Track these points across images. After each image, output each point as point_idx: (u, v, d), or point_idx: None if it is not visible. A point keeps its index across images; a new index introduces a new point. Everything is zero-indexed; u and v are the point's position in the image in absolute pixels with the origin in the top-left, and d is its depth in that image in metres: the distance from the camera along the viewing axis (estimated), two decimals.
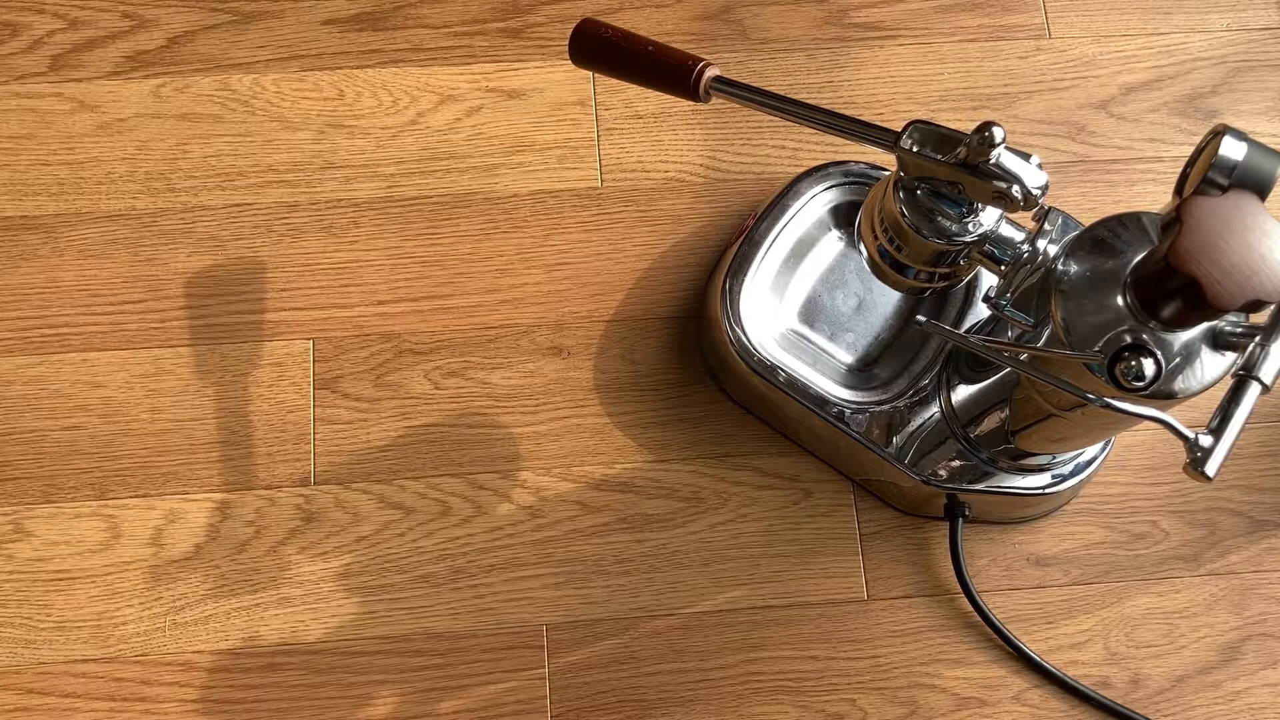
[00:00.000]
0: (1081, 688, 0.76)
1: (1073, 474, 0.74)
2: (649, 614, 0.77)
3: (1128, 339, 0.52)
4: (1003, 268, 0.60)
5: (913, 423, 0.75)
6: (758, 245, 0.78)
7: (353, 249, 0.83)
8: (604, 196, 0.86)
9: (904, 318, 0.78)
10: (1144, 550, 0.79)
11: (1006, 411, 0.69)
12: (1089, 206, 0.86)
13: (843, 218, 0.79)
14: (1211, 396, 0.53)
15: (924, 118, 0.58)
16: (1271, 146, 0.52)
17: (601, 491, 0.79)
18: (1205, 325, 0.53)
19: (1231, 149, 0.51)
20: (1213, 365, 0.53)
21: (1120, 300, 0.54)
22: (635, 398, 0.81)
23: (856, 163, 0.79)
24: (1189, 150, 0.55)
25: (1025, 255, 0.59)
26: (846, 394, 0.76)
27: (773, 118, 0.64)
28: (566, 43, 0.67)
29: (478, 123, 0.87)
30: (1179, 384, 0.53)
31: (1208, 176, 0.51)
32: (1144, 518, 0.80)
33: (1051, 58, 0.90)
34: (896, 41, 0.90)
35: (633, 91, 0.86)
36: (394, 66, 0.88)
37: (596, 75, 0.87)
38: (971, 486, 0.74)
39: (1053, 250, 0.58)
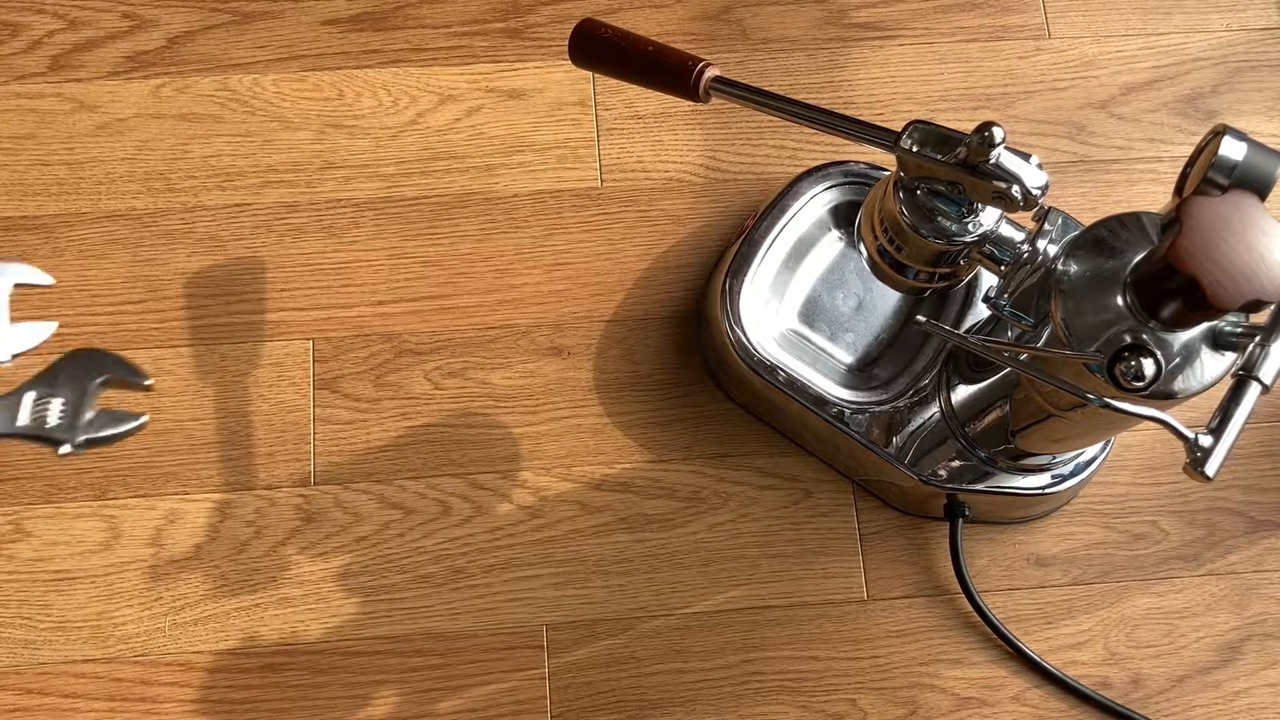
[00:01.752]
0: (1081, 688, 0.76)
1: (1073, 474, 0.74)
2: (649, 614, 0.77)
3: (1128, 339, 0.52)
4: (1003, 268, 0.60)
5: (913, 423, 0.75)
6: (758, 245, 0.78)
7: (353, 249, 0.83)
8: (604, 196, 0.86)
9: (904, 318, 0.78)
10: (1144, 550, 0.79)
11: (1006, 411, 0.69)
12: (1089, 206, 0.86)
13: (843, 218, 0.79)
14: (1211, 396, 0.53)
15: (924, 118, 0.58)
16: (1271, 146, 0.52)
17: (601, 491, 0.79)
18: (1205, 325, 0.53)
19: (1231, 149, 0.51)
20: (1213, 365, 0.53)
21: (1120, 300, 0.54)
22: (635, 398, 0.81)
23: (856, 163, 0.80)
24: (1189, 150, 0.54)
25: (1025, 255, 0.59)
26: (846, 394, 0.76)
27: (773, 118, 0.64)
28: (566, 43, 0.67)
29: (478, 123, 0.87)
30: (1179, 384, 0.53)
31: (1208, 176, 0.51)
32: (1144, 518, 0.80)
33: (1051, 58, 0.90)
34: (896, 41, 0.90)
35: (633, 91, 0.86)
36: (394, 66, 0.88)
37: (596, 75, 0.87)
38: (971, 486, 0.74)
39: (1053, 250, 0.58)
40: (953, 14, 0.91)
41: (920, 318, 0.60)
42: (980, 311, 0.76)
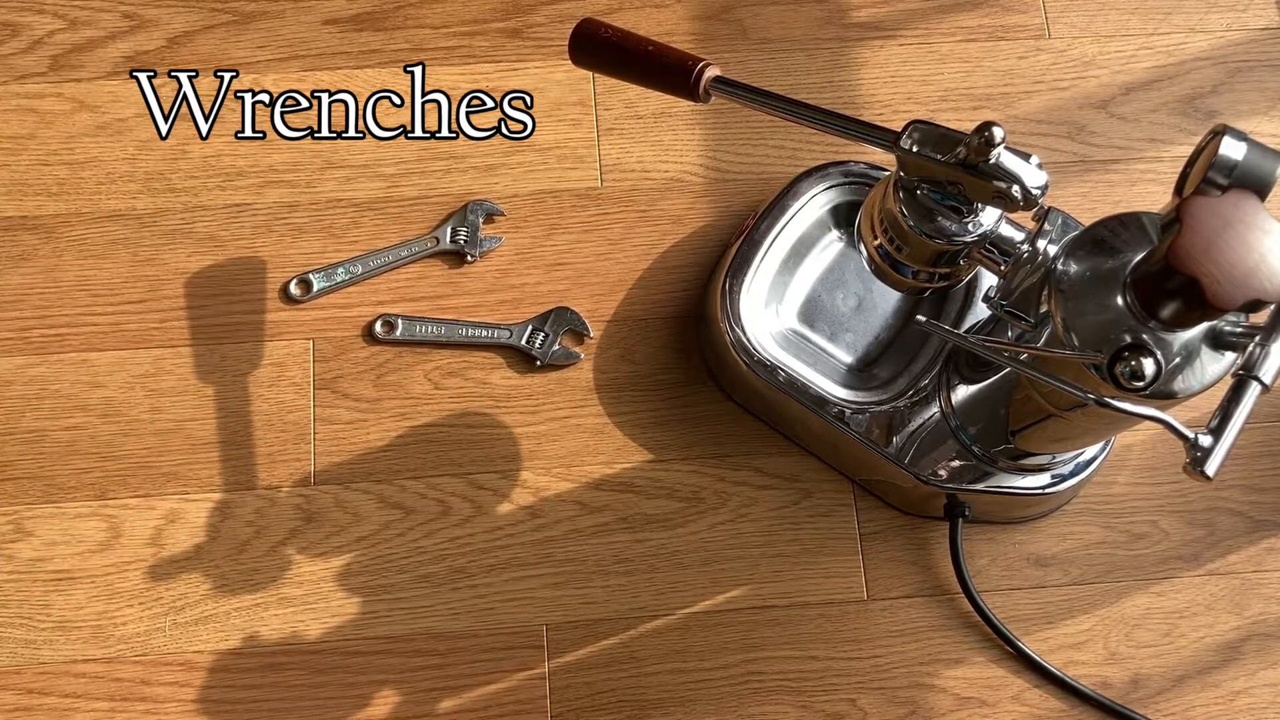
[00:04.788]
0: (1081, 688, 0.76)
1: (1073, 474, 0.74)
2: (649, 614, 0.77)
3: (1128, 339, 0.52)
4: (1003, 268, 0.60)
5: (913, 423, 0.75)
6: (758, 245, 0.78)
7: (353, 249, 0.83)
8: (604, 196, 0.86)
9: (904, 318, 0.78)
10: (1144, 550, 0.79)
11: (1006, 411, 0.69)
12: (1089, 206, 0.86)
13: (843, 218, 0.79)
14: (1211, 396, 0.53)
15: (924, 118, 0.58)
16: (1271, 146, 0.52)
17: (601, 491, 0.79)
18: (1205, 325, 0.53)
19: (1231, 149, 0.51)
20: (1213, 365, 0.53)
21: (1120, 300, 0.54)
22: (635, 398, 0.81)
23: (856, 163, 0.80)
24: (1189, 150, 0.55)
25: (1025, 255, 0.59)
26: (846, 394, 0.76)
27: (773, 118, 0.64)
28: (566, 43, 0.67)
29: (477, 123, 0.87)
30: (1179, 384, 0.53)
31: (1208, 176, 0.51)
32: (1144, 518, 0.80)
33: (1051, 58, 0.90)
34: (896, 41, 0.90)
35: (633, 91, 0.86)
36: (394, 66, 0.88)
37: (596, 75, 0.87)
38: (971, 486, 0.74)
39: (1053, 250, 0.58)
40: (953, 14, 0.91)
41: (920, 318, 0.60)
42: (980, 311, 0.77)
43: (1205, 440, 0.51)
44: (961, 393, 0.74)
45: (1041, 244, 0.59)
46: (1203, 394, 0.54)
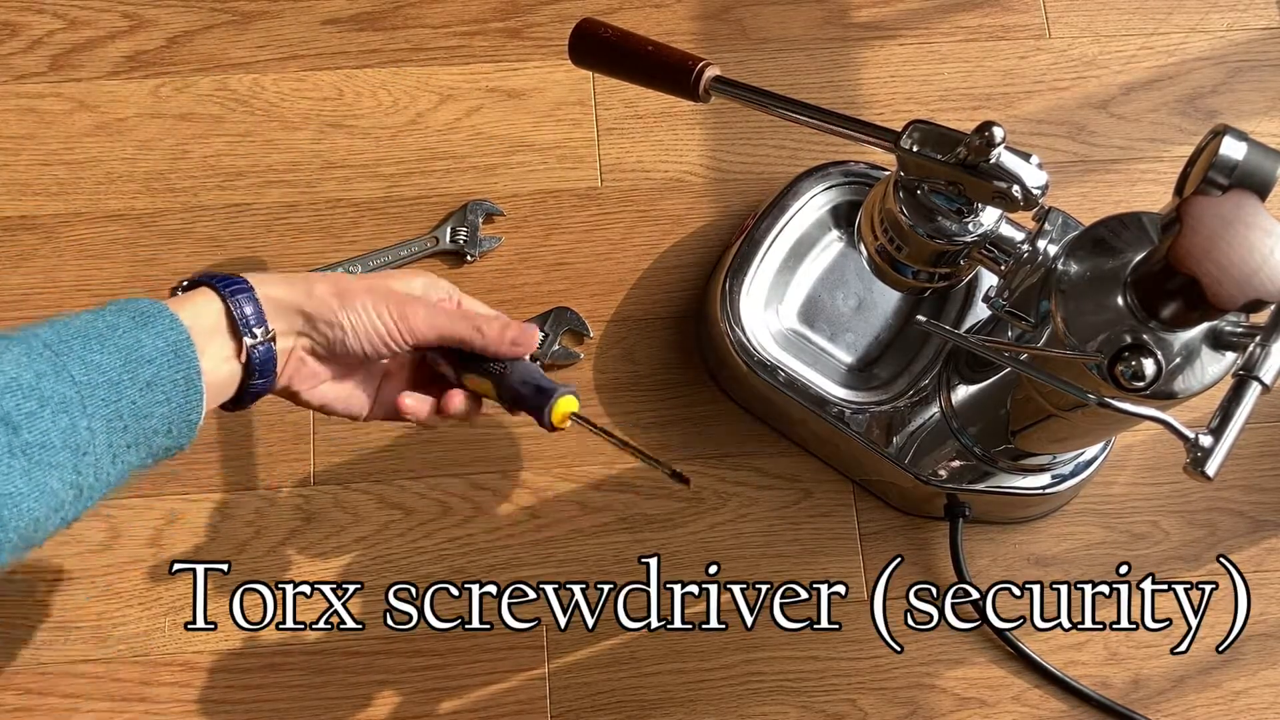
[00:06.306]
0: (1081, 688, 0.76)
1: (1073, 474, 0.74)
2: (649, 614, 0.77)
3: (1128, 339, 0.52)
4: (1003, 268, 0.60)
5: (913, 423, 0.75)
6: (758, 245, 0.78)
7: (352, 249, 0.83)
8: (604, 196, 0.85)
9: (904, 318, 0.78)
10: (1144, 550, 0.79)
11: (1006, 411, 0.69)
12: (1089, 206, 0.86)
13: (843, 218, 0.79)
14: (1211, 396, 0.53)
15: (924, 118, 0.58)
16: (1272, 146, 0.52)
17: (601, 491, 0.79)
18: (1205, 325, 0.53)
19: (1231, 149, 0.51)
20: (1213, 365, 0.53)
21: (1120, 300, 0.54)
22: (635, 398, 0.81)
23: (856, 163, 0.80)
24: (1189, 150, 0.54)
25: (1025, 255, 0.59)
26: (846, 394, 0.76)
27: (773, 118, 0.64)
28: (566, 43, 0.67)
29: (478, 123, 0.87)
30: (1179, 384, 0.53)
31: (1208, 176, 0.51)
32: (1144, 518, 0.80)
33: (1051, 58, 0.90)
34: (896, 41, 0.90)
35: (633, 91, 0.86)
36: (394, 66, 0.88)
37: (596, 75, 0.87)
38: (971, 486, 0.74)
39: (1053, 250, 0.59)
40: (953, 14, 0.91)
41: (920, 318, 0.60)
42: (980, 311, 0.77)
43: (1205, 440, 0.50)
44: (961, 393, 0.74)
45: (1041, 244, 0.59)
46: (1203, 394, 0.54)
